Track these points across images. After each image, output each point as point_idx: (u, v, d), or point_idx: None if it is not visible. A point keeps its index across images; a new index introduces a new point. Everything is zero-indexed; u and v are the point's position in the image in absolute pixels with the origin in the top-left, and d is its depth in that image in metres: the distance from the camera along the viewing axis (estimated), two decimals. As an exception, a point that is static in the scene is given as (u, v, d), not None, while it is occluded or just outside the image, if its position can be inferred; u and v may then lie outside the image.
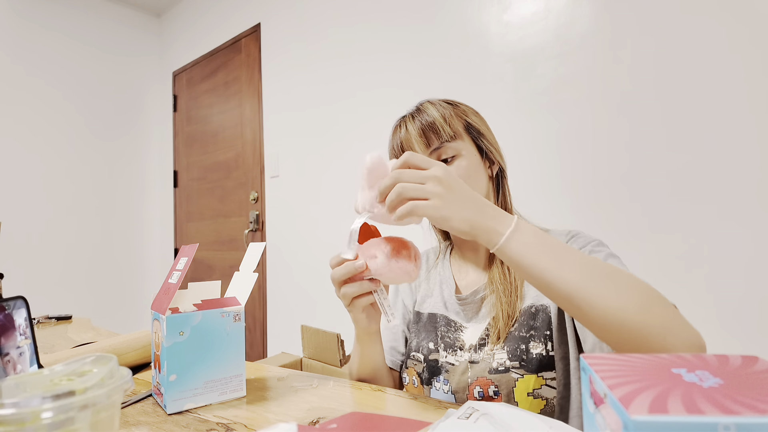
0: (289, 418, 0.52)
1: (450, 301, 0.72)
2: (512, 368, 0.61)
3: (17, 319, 0.55)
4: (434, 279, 0.77)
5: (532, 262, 0.45)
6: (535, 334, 0.62)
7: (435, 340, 0.70)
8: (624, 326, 0.43)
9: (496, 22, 1.55)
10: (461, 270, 0.75)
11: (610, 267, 0.46)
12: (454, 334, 0.69)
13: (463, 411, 0.40)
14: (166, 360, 0.54)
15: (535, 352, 0.61)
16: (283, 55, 2.36)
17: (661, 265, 1.22)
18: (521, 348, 0.62)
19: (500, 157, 0.71)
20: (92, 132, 2.90)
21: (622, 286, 0.44)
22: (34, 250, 2.63)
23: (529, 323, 0.63)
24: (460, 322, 0.69)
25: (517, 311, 0.64)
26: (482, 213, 0.47)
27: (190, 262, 0.58)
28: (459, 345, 0.67)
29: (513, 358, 0.61)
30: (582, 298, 0.44)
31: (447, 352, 0.68)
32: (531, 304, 0.65)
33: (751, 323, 1.10)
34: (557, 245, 0.46)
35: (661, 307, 0.45)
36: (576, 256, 0.46)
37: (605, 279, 0.45)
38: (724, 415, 0.18)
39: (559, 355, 0.61)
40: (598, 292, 0.44)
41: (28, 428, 0.29)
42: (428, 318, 0.73)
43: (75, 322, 1.26)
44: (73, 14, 2.85)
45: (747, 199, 1.11)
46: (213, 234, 2.84)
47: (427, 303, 0.75)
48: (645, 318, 0.43)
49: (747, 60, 1.11)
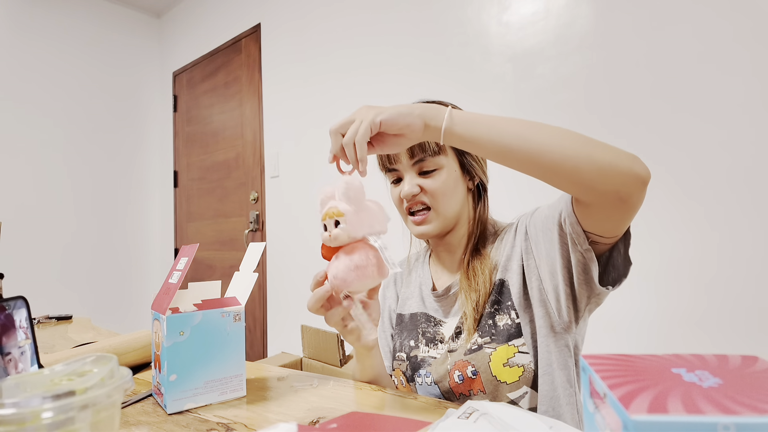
0: (289, 418, 0.52)
1: (428, 299, 0.75)
2: (484, 344, 0.64)
3: (18, 319, 0.55)
4: (415, 281, 0.80)
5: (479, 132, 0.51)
6: (500, 308, 0.65)
7: (416, 337, 0.73)
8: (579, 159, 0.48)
9: (496, 22, 1.55)
10: (437, 272, 0.78)
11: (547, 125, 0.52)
12: (434, 329, 0.72)
13: (462, 411, 0.40)
14: (167, 360, 0.54)
15: (501, 323, 0.64)
16: (283, 55, 2.36)
17: (660, 264, 1.22)
18: (489, 323, 0.65)
19: (482, 173, 0.73)
20: (92, 132, 2.90)
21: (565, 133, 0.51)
22: (35, 250, 2.63)
23: (493, 298, 0.66)
24: (438, 317, 0.72)
25: (482, 303, 0.66)
26: (422, 107, 0.53)
27: (190, 262, 0.58)
28: (439, 338, 0.70)
29: (483, 334, 0.65)
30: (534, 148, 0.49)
31: (428, 346, 0.71)
32: (499, 279, 0.67)
33: (752, 323, 1.10)
34: (493, 116, 0.53)
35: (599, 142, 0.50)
36: (512, 119, 0.52)
37: (549, 128, 0.51)
38: (724, 415, 0.18)
39: (526, 319, 0.64)
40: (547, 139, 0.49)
41: (29, 428, 0.29)
42: (410, 318, 0.76)
43: (75, 322, 1.26)
44: (72, 14, 2.85)
45: (746, 199, 1.11)
46: (213, 234, 2.84)
47: (408, 304, 0.78)
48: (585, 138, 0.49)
49: (746, 59, 1.11)
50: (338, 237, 0.52)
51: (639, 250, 1.24)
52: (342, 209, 0.52)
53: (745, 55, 1.11)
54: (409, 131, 0.52)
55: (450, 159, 0.69)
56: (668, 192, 1.21)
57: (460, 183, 0.71)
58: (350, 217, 0.51)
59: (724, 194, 1.14)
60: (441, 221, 0.69)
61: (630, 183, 0.48)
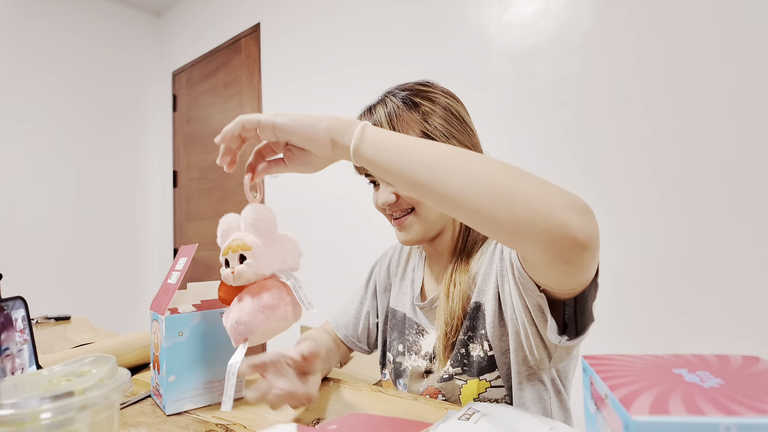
0: (289, 418, 0.52)
1: (416, 307, 0.72)
2: (455, 375, 0.61)
3: (16, 319, 0.55)
4: (408, 277, 0.77)
5: (388, 158, 0.43)
6: (473, 335, 0.61)
7: (403, 343, 0.72)
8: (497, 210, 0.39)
9: (496, 22, 1.55)
10: (428, 276, 0.74)
11: (477, 158, 0.42)
12: (414, 337, 0.70)
13: (463, 412, 0.40)
14: (165, 361, 0.54)
15: (474, 354, 0.60)
16: (282, 55, 2.36)
17: (659, 264, 1.22)
18: (461, 352, 0.61)
19: None
20: (92, 132, 2.90)
21: (491, 173, 0.40)
22: (34, 250, 2.62)
23: (467, 324, 0.62)
24: (423, 326, 0.70)
25: (455, 328, 0.62)
26: (330, 119, 0.45)
27: (189, 263, 0.58)
28: (416, 349, 0.68)
29: (455, 364, 0.61)
30: (447, 189, 0.40)
31: (407, 354, 0.70)
32: (474, 301, 0.63)
33: (752, 322, 1.10)
34: (414, 140, 0.44)
35: (533, 187, 0.40)
36: (436, 147, 0.43)
37: (472, 166, 0.41)
38: (725, 415, 0.18)
39: (501, 350, 0.59)
40: (464, 181, 0.40)
41: (27, 429, 0.29)
42: (401, 319, 0.74)
43: (74, 323, 1.26)
44: (72, 14, 2.85)
45: (745, 199, 1.11)
46: (213, 234, 2.82)
47: (401, 301, 0.76)
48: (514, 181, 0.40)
49: (746, 60, 1.11)
50: (243, 274, 0.44)
51: (638, 250, 1.25)
52: (249, 242, 0.45)
53: (745, 55, 1.11)
54: (313, 146, 0.44)
55: None
56: (666, 192, 1.21)
57: None
58: (258, 251, 0.45)
59: (719, 194, 1.14)
60: (423, 225, 0.64)
61: (561, 244, 0.38)
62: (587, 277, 0.44)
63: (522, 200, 0.38)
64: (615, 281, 1.26)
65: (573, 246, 0.38)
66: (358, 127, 0.44)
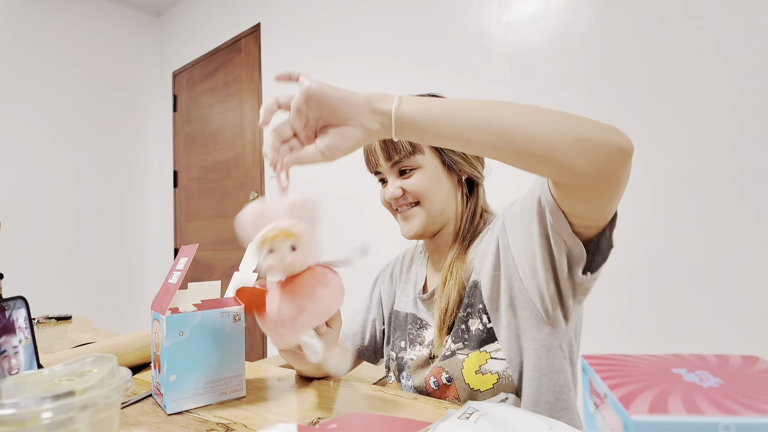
0: (289, 418, 0.52)
1: (418, 300, 0.74)
2: (457, 350, 0.63)
3: (17, 319, 0.55)
4: (411, 279, 0.79)
5: (435, 113, 0.45)
6: (472, 311, 0.63)
7: (405, 338, 0.73)
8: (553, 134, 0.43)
9: (496, 22, 1.55)
10: (431, 272, 0.77)
11: (511, 102, 0.46)
12: (418, 331, 0.71)
13: (463, 411, 0.40)
14: (166, 360, 0.54)
15: (473, 328, 0.62)
16: (282, 55, 2.36)
17: (659, 264, 1.21)
18: (461, 328, 0.63)
19: (471, 167, 0.70)
20: (92, 132, 2.90)
21: (533, 109, 0.45)
22: (34, 250, 2.63)
23: (466, 302, 0.64)
24: (426, 319, 0.72)
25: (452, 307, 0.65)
26: (367, 92, 0.47)
27: (189, 262, 0.58)
28: (420, 341, 0.70)
29: (456, 340, 0.63)
30: (502, 126, 0.44)
31: (410, 348, 0.71)
32: (472, 280, 0.65)
33: (752, 322, 1.09)
34: (448, 98, 0.48)
35: (571, 115, 0.45)
36: (471, 99, 0.47)
37: (515, 105, 0.45)
38: (725, 415, 0.18)
39: (502, 323, 0.61)
40: (516, 116, 0.44)
41: (28, 428, 0.29)
42: (404, 318, 0.76)
43: (75, 322, 1.26)
44: (72, 14, 2.85)
45: (747, 198, 1.11)
46: (213, 234, 2.84)
47: (403, 302, 0.78)
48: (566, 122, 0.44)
49: (747, 60, 1.11)
50: (294, 264, 0.41)
51: (637, 249, 1.25)
52: (297, 230, 0.41)
53: (745, 55, 1.11)
54: (349, 114, 0.45)
55: (429, 157, 0.67)
56: (666, 191, 1.21)
57: (444, 180, 0.68)
58: (307, 241, 0.41)
59: (720, 194, 1.14)
60: (426, 218, 0.67)
61: (612, 156, 0.43)
62: (618, 199, 0.49)
63: (572, 123, 0.43)
64: (615, 281, 1.26)
65: (621, 155, 0.43)
66: (396, 96, 0.47)
